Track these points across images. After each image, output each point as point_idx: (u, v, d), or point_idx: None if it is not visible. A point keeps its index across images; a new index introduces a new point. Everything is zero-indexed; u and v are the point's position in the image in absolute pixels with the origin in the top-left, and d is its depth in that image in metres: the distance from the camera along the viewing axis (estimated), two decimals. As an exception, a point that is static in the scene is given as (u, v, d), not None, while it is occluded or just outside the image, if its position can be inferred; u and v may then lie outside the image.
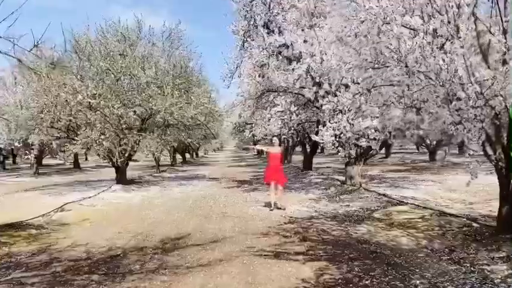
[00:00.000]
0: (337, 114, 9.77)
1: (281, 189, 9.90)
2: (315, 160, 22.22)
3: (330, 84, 9.69)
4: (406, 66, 4.05)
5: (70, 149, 12.75)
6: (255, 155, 51.05)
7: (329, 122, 10.21)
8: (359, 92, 9.64)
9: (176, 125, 16.27)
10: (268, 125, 11.63)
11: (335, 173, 19.00)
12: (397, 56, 4.09)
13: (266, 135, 19.79)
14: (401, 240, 6.37)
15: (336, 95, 9.61)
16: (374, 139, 9.49)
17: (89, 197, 12.14)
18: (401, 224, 7.35)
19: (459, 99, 4.25)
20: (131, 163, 33.17)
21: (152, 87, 13.92)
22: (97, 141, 12.84)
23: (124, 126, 13.70)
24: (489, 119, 4.56)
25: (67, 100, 12.69)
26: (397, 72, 4.19)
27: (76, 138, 13.01)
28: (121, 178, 15.92)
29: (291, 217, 8.56)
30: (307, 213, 8.96)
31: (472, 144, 4.93)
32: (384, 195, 10.31)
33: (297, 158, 31.92)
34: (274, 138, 10.41)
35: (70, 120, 13.03)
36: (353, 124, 9.45)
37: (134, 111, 14.07)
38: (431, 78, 4.30)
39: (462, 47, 4.33)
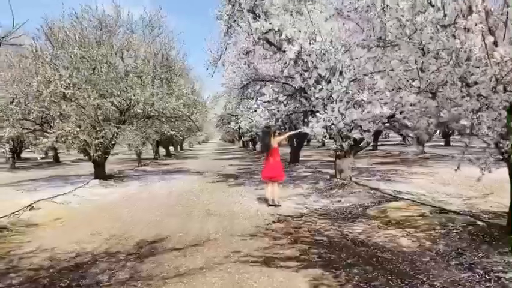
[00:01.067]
0: (330, 103, 9.14)
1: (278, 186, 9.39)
2: (301, 153, 21.68)
3: (324, 69, 9.06)
4: (420, 44, 3.43)
5: (43, 143, 11.89)
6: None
7: (320, 112, 9.58)
8: (355, 79, 9.08)
9: (157, 117, 15.50)
10: (255, 116, 10.94)
11: (322, 166, 18.47)
12: (410, 31, 3.47)
13: (252, 128, 19.12)
14: (401, 241, 5.80)
15: (329, 82, 8.98)
16: (368, 131, 8.90)
17: (64, 194, 11.35)
18: (399, 222, 6.79)
19: (476, 83, 3.66)
20: (112, 157, 32.28)
21: (131, 76, 13.12)
22: (72, 134, 12.01)
23: (101, 117, 12.88)
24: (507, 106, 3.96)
25: (39, 90, 11.83)
26: (408, 51, 3.57)
27: (49, 131, 12.17)
28: (99, 173, 15.13)
29: (280, 215, 7.94)
30: (297, 210, 8.35)
31: (480, 134, 4.35)
32: (377, 189, 9.77)
33: (283, 151, 31.39)
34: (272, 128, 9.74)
35: (43, 112, 12.17)
36: (344, 114, 8.83)
37: (112, 102, 13.25)
38: (443, 58, 3.69)
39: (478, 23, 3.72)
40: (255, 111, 11.47)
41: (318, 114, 9.37)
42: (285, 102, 11.63)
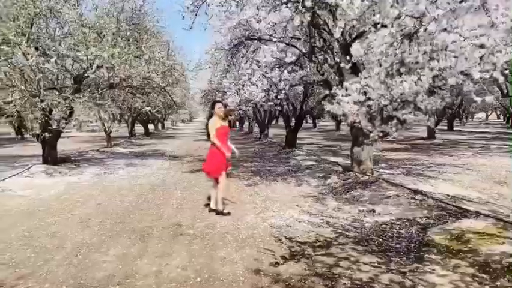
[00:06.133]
0: (365, 68, 6.17)
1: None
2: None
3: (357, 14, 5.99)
4: None
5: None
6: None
7: (346, 83, 6.57)
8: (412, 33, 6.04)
9: (122, 86, 12.23)
10: (248, 86, 7.89)
11: (323, 152, 15.51)
12: None
13: (240, 102, 16.13)
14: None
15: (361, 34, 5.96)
16: (421, 109, 5.95)
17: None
18: (509, 268, 3.85)
19: None
20: (85, 134, 28.89)
21: (83, 30, 9.81)
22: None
23: (42, 84, 9.60)
24: None
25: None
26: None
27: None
28: (49, 156, 11.91)
29: (290, 240, 4.94)
30: (315, 231, 5.35)
31: None
32: (422, 194, 6.81)
33: (274, 132, 28.38)
34: (218, 103, 6.43)
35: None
36: (388, 84, 5.87)
37: (60, 64, 9.95)
38: None
39: None
40: (249, 79, 8.38)
41: (347, 84, 6.41)
42: (289, 69, 8.56)
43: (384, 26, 6.42)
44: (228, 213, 6.14)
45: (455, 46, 5.42)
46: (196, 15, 8.02)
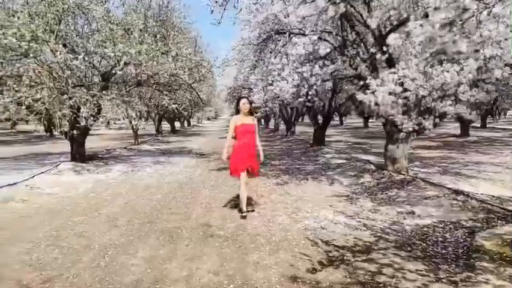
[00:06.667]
0: (399, 61, 5.81)
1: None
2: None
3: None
4: None
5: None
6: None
7: (381, 74, 6.23)
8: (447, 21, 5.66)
9: (149, 84, 12.14)
10: (277, 82, 7.59)
11: (353, 149, 15.08)
12: None
13: (267, 99, 15.86)
14: None
15: (401, 25, 5.63)
16: (466, 101, 5.56)
17: (12, 184, 8.19)
18: None
19: None
20: (112, 131, 29.20)
21: (110, 27, 9.73)
22: (28, 101, 8.75)
23: (71, 81, 9.57)
24: None
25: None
26: None
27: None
28: (77, 153, 11.95)
29: (327, 243, 4.65)
30: (352, 234, 5.04)
31: None
32: (464, 193, 6.39)
33: (300, 129, 27.99)
34: (243, 99, 6.09)
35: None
36: (428, 74, 5.51)
37: (88, 61, 9.91)
38: None
39: None
40: (279, 74, 8.10)
41: (383, 74, 6.08)
42: (320, 63, 8.23)
43: (425, 15, 6.06)
44: (243, 217, 5.84)
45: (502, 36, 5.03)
46: (224, 9, 7.78)
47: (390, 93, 5.70)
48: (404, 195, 6.87)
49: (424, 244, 4.58)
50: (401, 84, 5.74)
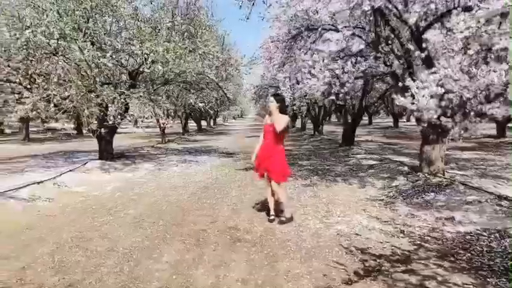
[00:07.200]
0: (443, 57, 5.44)
1: (278, 189, 5.56)
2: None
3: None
4: None
5: (17, 110, 8.69)
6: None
7: (418, 74, 5.87)
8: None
9: (176, 82, 12.03)
10: (309, 78, 7.30)
11: (384, 150, 14.60)
12: None
13: (294, 97, 15.49)
14: None
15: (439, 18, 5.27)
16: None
17: (39, 182, 8.19)
18: None
19: None
20: (135, 130, 29.43)
21: (137, 24, 9.66)
22: (56, 99, 8.75)
23: (98, 79, 9.53)
24: None
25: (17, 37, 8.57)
26: None
27: (26, 94, 8.93)
28: (105, 151, 11.96)
29: (362, 251, 4.34)
30: (389, 241, 4.72)
31: None
32: (508, 199, 5.96)
33: (327, 128, 27.50)
34: (270, 97, 5.89)
35: (17, 70, 8.91)
36: (471, 72, 5.12)
37: (116, 59, 9.87)
38: None
39: None
40: (309, 72, 7.81)
41: (421, 75, 5.72)
42: (353, 60, 7.90)
43: (468, 8, 5.68)
44: (270, 221, 5.58)
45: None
46: (253, 4, 7.55)
47: (431, 96, 5.33)
48: (442, 199, 6.48)
49: (469, 254, 4.22)
50: (441, 85, 5.36)
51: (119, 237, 4.94)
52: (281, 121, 5.44)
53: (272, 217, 5.60)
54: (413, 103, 5.39)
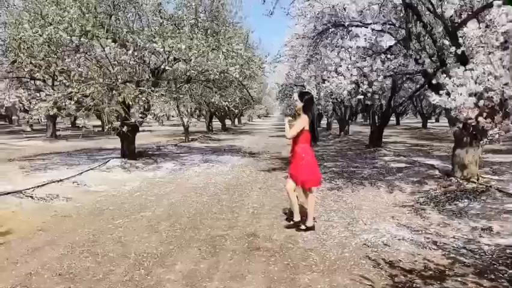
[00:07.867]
0: (481, 52, 5.01)
1: (307, 195, 5.24)
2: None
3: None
4: None
5: (38, 108, 8.62)
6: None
7: (453, 71, 5.44)
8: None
9: (199, 80, 11.83)
10: (336, 76, 6.94)
11: (412, 152, 14.03)
12: None
13: (319, 97, 15.09)
14: None
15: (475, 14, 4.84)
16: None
17: (59, 181, 8.13)
18: None
19: None
20: (159, 128, 29.54)
21: (160, 20, 9.49)
22: (78, 97, 8.65)
23: (120, 77, 9.40)
24: None
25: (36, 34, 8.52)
26: None
27: (47, 92, 8.86)
28: (127, 150, 11.87)
29: (390, 265, 3.98)
30: (419, 253, 4.32)
31: None
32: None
33: (353, 129, 26.89)
34: (295, 95, 5.54)
35: (39, 66, 8.85)
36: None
37: (139, 57, 9.72)
38: None
39: None
40: (335, 70, 7.44)
41: (457, 71, 5.30)
42: (382, 57, 7.49)
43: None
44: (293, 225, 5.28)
45: None
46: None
47: (470, 95, 4.90)
48: (477, 207, 6.02)
49: (511, 271, 3.81)
50: (479, 82, 4.93)
51: (133, 241, 4.73)
52: (296, 125, 5.18)
53: (292, 222, 5.30)
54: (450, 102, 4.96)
